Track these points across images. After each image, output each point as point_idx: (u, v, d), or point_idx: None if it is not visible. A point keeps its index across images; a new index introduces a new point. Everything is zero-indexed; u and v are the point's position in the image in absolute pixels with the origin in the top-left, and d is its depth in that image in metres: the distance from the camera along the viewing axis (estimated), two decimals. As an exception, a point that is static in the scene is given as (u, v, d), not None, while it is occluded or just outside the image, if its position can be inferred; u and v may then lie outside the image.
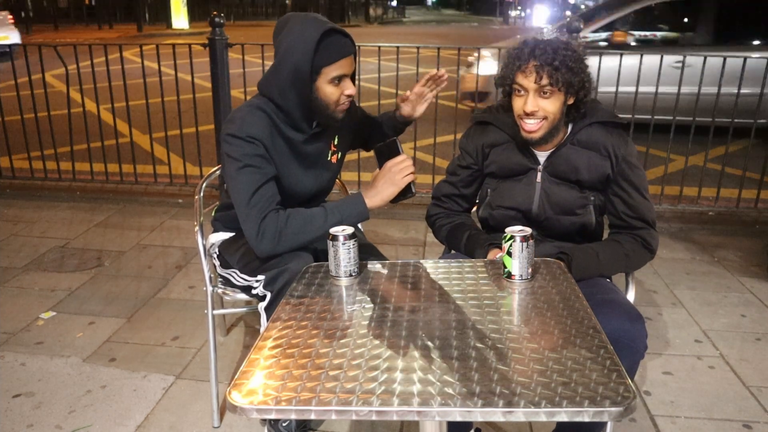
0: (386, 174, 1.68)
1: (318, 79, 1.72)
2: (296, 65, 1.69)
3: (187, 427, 2.12)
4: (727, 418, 2.17)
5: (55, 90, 7.10)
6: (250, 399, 1.07)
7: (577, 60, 1.71)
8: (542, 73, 1.69)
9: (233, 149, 1.71)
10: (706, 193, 4.12)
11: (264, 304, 1.76)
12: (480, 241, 1.86)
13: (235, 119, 1.74)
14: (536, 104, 1.72)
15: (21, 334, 2.67)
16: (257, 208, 1.68)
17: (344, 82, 1.76)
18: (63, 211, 4.19)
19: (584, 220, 1.85)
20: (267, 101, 1.78)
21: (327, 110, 1.77)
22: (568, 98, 1.74)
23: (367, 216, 1.72)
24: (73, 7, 27.41)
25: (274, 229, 1.67)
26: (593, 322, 1.30)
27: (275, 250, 1.69)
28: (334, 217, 1.69)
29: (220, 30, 3.86)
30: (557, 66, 1.67)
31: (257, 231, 1.67)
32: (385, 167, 1.68)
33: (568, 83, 1.70)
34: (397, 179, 1.67)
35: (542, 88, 1.70)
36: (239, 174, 1.70)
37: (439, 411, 1.04)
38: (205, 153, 4.52)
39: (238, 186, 1.70)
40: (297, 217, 1.69)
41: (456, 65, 4.41)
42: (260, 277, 1.78)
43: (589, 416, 1.03)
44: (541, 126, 1.74)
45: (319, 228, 1.68)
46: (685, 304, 2.99)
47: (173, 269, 3.32)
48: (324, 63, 1.70)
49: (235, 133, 1.71)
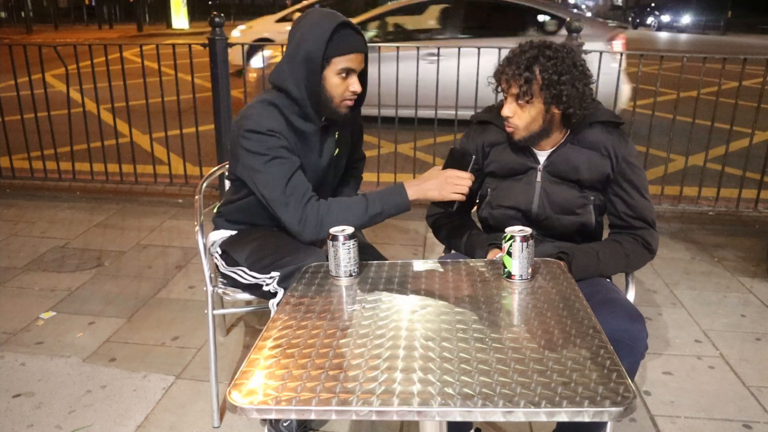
0: (441, 177, 1.70)
1: (327, 68, 1.75)
2: (308, 51, 1.72)
3: (187, 427, 2.12)
4: (727, 418, 2.17)
5: (55, 90, 7.09)
6: (250, 399, 1.07)
7: (560, 72, 1.68)
8: (512, 83, 1.71)
9: (256, 144, 1.73)
10: (706, 193, 4.12)
11: (275, 300, 1.75)
12: (480, 241, 1.86)
13: (251, 116, 1.75)
14: (511, 110, 1.75)
15: (21, 334, 2.67)
16: (295, 197, 1.70)
17: (351, 77, 1.78)
18: (63, 211, 4.19)
19: (584, 219, 1.85)
20: (278, 95, 1.80)
21: (331, 103, 1.79)
22: (550, 108, 1.72)
23: (408, 207, 1.73)
24: (73, 7, 27.42)
25: (317, 217, 1.70)
26: (593, 322, 1.30)
27: (318, 237, 1.73)
28: (376, 206, 1.71)
29: (220, 30, 3.86)
30: (528, 78, 1.67)
31: (300, 218, 1.70)
32: (445, 172, 1.70)
33: (545, 95, 1.69)
34: (446, 188, 1.68)
35: (517, 97, 1.72)
36: (268, 167, 1.72)
37: (439, 411, 1.04)
38: (205, 153, 4.52)
39: (270, 178, 1.72)
40: (339, 204, 1.72)
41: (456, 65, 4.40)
42: (273, 274, 1.77)
43: (589, 416, 1.03)
44: (517, 132, 1.77)
45: (361, 216, 1.71)
46: (685, 304, 2.99)
47: (173, 269, 3.32)
48: (335, 53, 1.73)
49: (255, 129, 1.73)
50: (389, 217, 1.74)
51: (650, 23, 31.39)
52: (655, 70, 4.12)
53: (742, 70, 3.81)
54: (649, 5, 32.81)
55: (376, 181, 4.38)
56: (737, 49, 16.98)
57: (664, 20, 30.24)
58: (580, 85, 1.71)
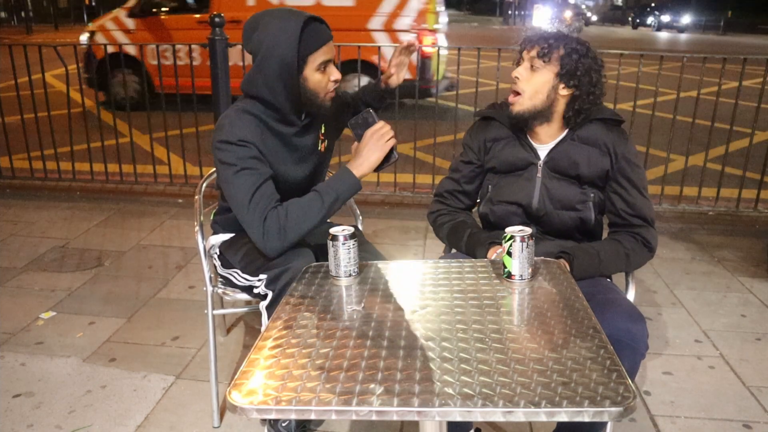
0: (368, 141, 1.71)
1: (305, 68, 1.74)
2: (282, 57, 1.70)
3: (187, 427, 2.12)
4: (727, 418, 2.17)
5: (55, 90, 7.09)
6: (250, 399, 1.07)
7: (582, 54, 1.76)
8: (535, 45, 1.78)
9: (227, 155, 1.71)
10: (706, 193, 4.13)
11: (265, 303, 1.76)
12: (481, 239, 1.86)
13: (223, 126, 1.74)
14: (520, 73, 1.81)
15: (21, 334, 2.67)
16: (258, 211, 1.68)
17: (329, 68, 1.79)
18: (63, 211, 4.19)
19: (583, 215, 1.86)
20: (253, 102, 1.79)
21: (317, 99, 1.79)
22: (559, 84, 1.77)
23: (360, 186, 1.75)
24: (73, 7, 27.40)
25: (277, 226, 1.67)
26: (593, 322, 1.30)
27: (284, 245, 1.70)
28: (330, 196, 1.71)
29: (220, 30, 3.86)
30: (552, 44, 1.76)
31: (262, 233, 1.68)
32: (366, 136, 1.72)
33: (561, 65, 1.75)
34: (380, 144, 1.70)
35: (534, 60, 1.77)
36: (236, 178, 1.70)
37: (439, 411, 1.04)
38: (205, 153, 4.52)
39: (237, 190, 1.70)
40: (295, 207, 1.70)
41: (456, 65, 4.41)
42: (262, 277, 1.78)
43: (589, 416, 1.03)
44: (519, 101, 1.81)
45: (319, 211, 1.70)
46: (685, 304, 2.99)
47: (173, 269, 3.32)
48: (309, 51, 1.73)
49: (226, 139, 1.71)
50: (345, 201, 1.76)
51: (650, 23, 31.39)
52: (656, 70, 4.12)
53: (742, 70, 3.81)
54: (649, 5, 32.82)
55: (376, 180, 4.38)
56: (737, 49, 16.97)
57: (664, 20, 30.26)
58: (595, 76, 1.78)
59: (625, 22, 35.13)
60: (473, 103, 3.79)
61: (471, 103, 4.01)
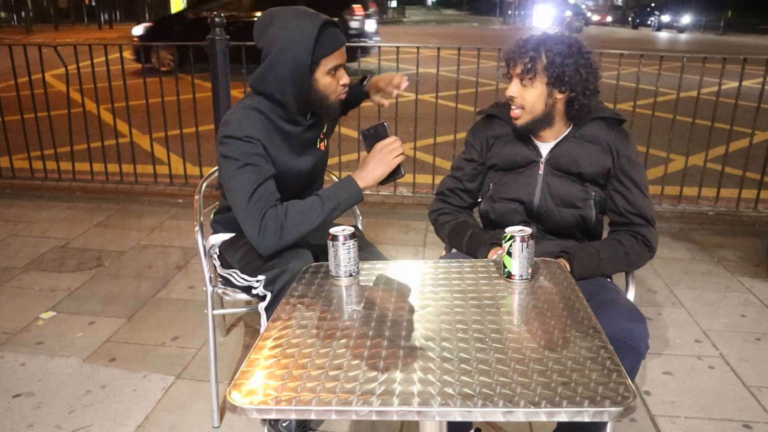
0: (377, 155, 1.71)
1: (317, 70, 1.75)
2: (297, 58, 1.71)
3: (187, 427, 2.12)
4: (727, 418, 2.17)
5: (55, 90, 7.09)
6: (250, 399, 1.07)
7: (565, 55, 1.74)
8: (518, 62, 1.77)
9: (231, 150, 1.72)
10: (706, 193, 4.12)
11: (264, 304, 1.76)
12: (483, 240, 1.86)
13: (230, 121, 1.75)
14: (515, 91, 1.80)
15: (21, 334, 2.67)
16: (257, 208, 1.67)
17: (339, 72, 1.80)
18: (63, 211, 4.19)
19: (584, 213, 1.86)
20: (261, 99, 1.79)
21: (326, 101, 1.80)
22: (553, 91, 1.77)
23: (361, 197, 1.74)
24: (73, 7, 27.41)
25: (275, 225, 1.67)
26: (593, 322, 1.30)
27: (278, 245, 1.69)
28: (331, 202, 1.71)
29: (220, 30, 3.86)
30: (533, 56, 1.74)
31: (258, 229, 1.67)
32: (376, 148, 1.72)
33: (548, 74, 1.74)
34: (387, 160, 1.70)
35: (522, 77, 1.77)
36: (239, 173, 1.70)
37: (439, 411, 1.04)
38: (205, 153, 4.52)
39: (238, 185, 1.70)
40: (295, 208, 1.70)
41: (456, 65, 4.41)
42: (260, 277, 1.78)
43: (589, 416, 1.03)
44: (521, 115, 1.81)
45: (318, 216, 1.69)
46: (685, 304, 2.99)
47: (173, 269, 3.32)
48: (324, 54, 1.73)
49: (233, 134, 1.72)
50: (345, 210, 1.75)
51: (650, 23, 31.40)
52: (656, 70, 4.12)
53: (742, 70, 3.81)
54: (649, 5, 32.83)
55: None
56: (737, 49, 16.97)
57: (664, 20, 30.26)
58: (584, 71, 1.76)
59: (625, 23, 35.13)
60: (473, 103, 3.79)
61: (471, 103, 4.00)
